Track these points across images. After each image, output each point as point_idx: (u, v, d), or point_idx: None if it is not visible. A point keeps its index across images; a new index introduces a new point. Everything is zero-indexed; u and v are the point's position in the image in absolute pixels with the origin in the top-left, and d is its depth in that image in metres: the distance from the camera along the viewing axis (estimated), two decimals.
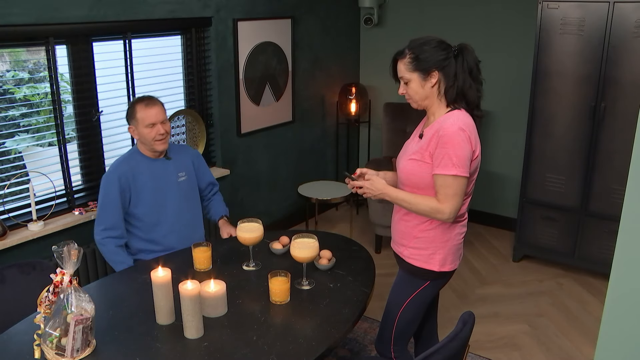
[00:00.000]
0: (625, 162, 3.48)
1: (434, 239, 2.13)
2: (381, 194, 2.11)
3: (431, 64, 2.03)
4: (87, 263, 3.11)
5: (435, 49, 2.03)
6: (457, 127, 1.98)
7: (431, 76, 2.04)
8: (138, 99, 2.71)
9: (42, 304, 1.82)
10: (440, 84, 2.05)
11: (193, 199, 2.87)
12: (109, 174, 2.68)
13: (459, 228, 2.17)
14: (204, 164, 3.00)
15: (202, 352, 1.86)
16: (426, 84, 2.05)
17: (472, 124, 2.05)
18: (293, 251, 2.24)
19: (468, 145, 2.00)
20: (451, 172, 1.98)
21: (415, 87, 2.07)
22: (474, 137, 2.03)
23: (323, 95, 4.86)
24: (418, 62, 2.04)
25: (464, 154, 1.98)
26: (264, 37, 4.12)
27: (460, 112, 2.05)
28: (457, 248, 2.19)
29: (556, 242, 3.94)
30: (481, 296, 3.72)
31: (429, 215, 2.06)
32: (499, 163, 4.64)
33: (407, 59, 2.06)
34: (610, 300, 1.33)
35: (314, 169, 4.92)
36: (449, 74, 2.04)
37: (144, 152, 2.74)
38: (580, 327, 3.37)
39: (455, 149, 1.97)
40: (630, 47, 3.38)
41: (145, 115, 2.62)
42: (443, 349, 1.77)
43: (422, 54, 2.03)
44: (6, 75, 3.00)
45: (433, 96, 2.08)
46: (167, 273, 2.00)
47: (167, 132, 2.68)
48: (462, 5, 4.50)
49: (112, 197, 2.64)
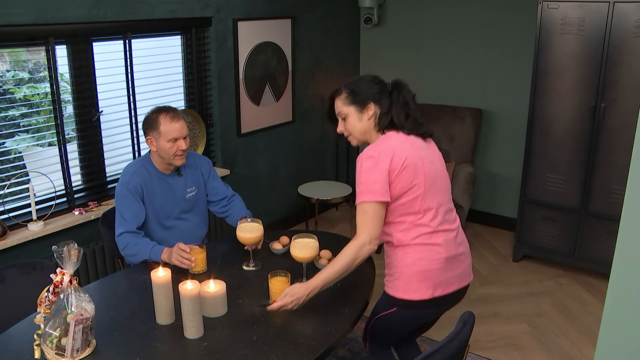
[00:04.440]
0: (625, 162, 3.48)
1: (395, 263, 2.09)
2: (308, 294, 1.99)
3: (367, 97, 2.07)
4: (87, 263, 3.11)
5: (369, 83, 2.10)
6: (365, 155, 2.00)
7: (367, 108, 2.07)
8: (161, 109, 2.54)
9: (42, 304, 1.82)
10: (375, 116, 2.08)
11: (198, 210, 2.76)
12: (122, 184, 2.55)
13: (418, 253, 2.04)
14: (214, 177, 2.81)
15: (202, 352, 1.86)
16: (363, 116, 2.08)
17: (396, 146, 2.01)
18: (293, 251, 2.24)
19: (377, 168, 1.96)
20: (359, 200, 1.98)
21: (352, 122, 2.10)
22: (394, 158, 1.98)
23: (323, 95, 4.86)
24: (354, 96, 2.08)
25: (372, 178, 1.96)
26: (264, 37, 4.12)
27: (386, 136, 2.06)
28: (424, 276, 2.04)
29: (556, 242, 3.94)
30: (481, 296, 3.72)
31: (357, 257, 1.97)
32: (499, 163, 4.64)
33: (344, 94, 2.10)
34: (610, 300, 1.33)
35: (314, 169, 4.92)
36: (384, 106, 2.07)
37: (157, 164, 2.60)
38: (580, 327, 3.37)
39: (361, 176, 1.98)
40: (630, 47, 3.38)
41: (170, 129, 2.47)
42: (443, 349, 1.77)
43: (357, 88, 2.08)
44: (6, 75, 3.00)
45: (370, 129, 2.10)
46: (167, 273, 2.00)
47: (187, 148, 2.55)
48: (462, 5, 4.50)
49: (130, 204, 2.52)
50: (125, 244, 2.49)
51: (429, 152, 2.10)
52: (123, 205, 2.53)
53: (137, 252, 2.47)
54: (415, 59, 4.83)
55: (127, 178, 2.55)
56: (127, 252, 2.51)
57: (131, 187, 2.53)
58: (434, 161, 2.10)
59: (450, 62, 4.66)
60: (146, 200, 2.58)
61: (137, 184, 2.54)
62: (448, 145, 4.46)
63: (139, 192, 2.55)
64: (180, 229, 2.68)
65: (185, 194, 2.68)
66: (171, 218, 2.66)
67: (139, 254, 2.47)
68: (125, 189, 2.53)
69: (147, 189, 2.57)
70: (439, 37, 4.67)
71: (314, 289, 2.00)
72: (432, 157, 2.10)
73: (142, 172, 2.58)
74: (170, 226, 2.66)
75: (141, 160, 2.64)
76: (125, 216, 2.52)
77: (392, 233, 2.08)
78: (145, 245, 2.46)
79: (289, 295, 1.98)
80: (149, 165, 2.61)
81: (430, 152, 2.11)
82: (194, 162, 2.74)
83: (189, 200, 2.69)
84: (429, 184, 2.03)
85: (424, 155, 2.06)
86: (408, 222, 2.04)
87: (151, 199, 2.59)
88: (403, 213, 2.04)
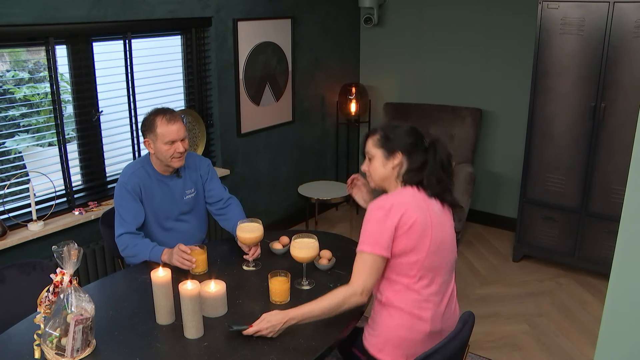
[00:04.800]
0: (625, 162, 3.48)
1: (378, 321, 2.03)
2: (285, 322, 1.90)
3: (397, 146, 2.01)
4: (87, 263, 3.11)
5: (405, 132, 2.04)
6: (376, 205, 1.94)
7: (394, 157, 2.01)
8: (158, 111, 2.53)
9: (42, 304, 1.82)
10: (401, 167, 2.02)
11: (197, 211, 2.76)
12: (121, 185, 2.55)
13: (403, 320, 1.98)
14: (212, 178, 2.76)
15: (202, 352, 1.86)
16: (388, 163, 2.02)
17: (410, 203, 1.93)
18: (293, 251, 2.24)
19: (386, 222, 1.90)
20: (361, 248, 1.93)
21: (376, 165, 2.04)
22: (404, 215, 1.90)
23: (323, 95, 4.86)
24: (385, 141, 2.03)
25: (378, 230, 1.90)
26: (264, 37, 4.12)
27: (404, 190, 2.00)
28: (401, 343, 1.99)
29: (556, 242, 3.94)
30: (481, 296, 3.72)
31: (344, 303, 1.91)
32: (499, 163, 4.64)
33: (377, 136, 2.05)
34: (610, 300, 1.33)
35: (314, 169, 4.92)
36: (415, 160, 2.01)
37: (156, 166, 2.60)
38: (580, 327, 3.37)
39: (368, 225, 1.93)
40: (630, 47, 3.38)
41: (167, 132, 2.46)
42: (443, 349, 1.77)
43: (391, 134, 2.03)
44: (6, 75, 3.00)
45: (392, 178, 2.04)
46: (167, 273, 2.00)
47: (186, 150, 2.54)
48: (462, 5, 4.50)
49: (128, 205, 2.52)
50: (125, 245, 2.49)
51: (443, 219, 2.01)
52: (122, 205, 2.53)
53: (137, 253, 2.47)
54: (415, 59, 4.83)
55: (125, 179, 2.55)
56: (127, 253, 2.51)
57: (130, 188, 2.53)
58: (445, 230, 2.01)
59: (450, 62, 4.66)
60: (145, 201, 2.58)
61: (135, 185, 2.54)
62: (448, 145, 4.45)
63: (138, 192, 2.55)
64: (179, 231, 2.68)
65: (184, 195, 2.67)
66: (170, 219, 2.66)
67: (139, 254, 2.46)
68: (124, 190, 2.53)
69: (145, 190, 2.57)
70: (438, 37, 4.67)
71: (292, 319, 1.90)
72: (444, 224, 2.01)
73: (140, 173, 2.57)
74: (169, 228, 2.66)
75: (141, 161, 2.64)
76: (124, 217, 2.52)
77: (383, 291, 2.01)
78: (145, 246, 2.46)
79: (265, 321, 1.90)
80: (148, 167, 2.60)
81: (444, 219, 2.02)
82: (193, 163, 2.72)
83: (187, 202, 2.69)
84: (432, 251, 1.95)
85: (437, 221, 1.97)
86: (401, 284, 1.97)
87: (150, 200, 2.59)
88: (399, 273, 1.97)
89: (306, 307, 1.92)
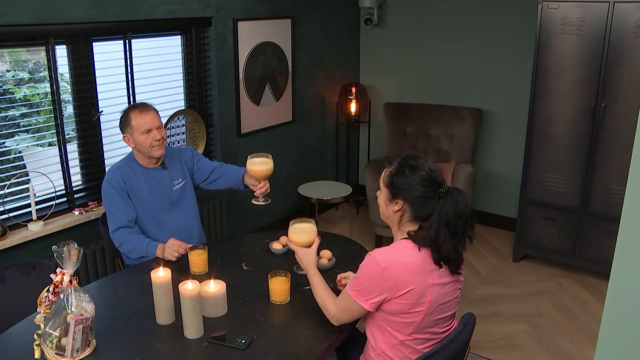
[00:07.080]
0: (625, 162, 3.48)
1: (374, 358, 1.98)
2: (306, 267, 2.04)
3: (400, 193, 1.84)
4: (87, 263, 3.11)
5: (417, 182, 1.81)
6: (372, 259, 1.79)
7: (396, 202, 1.86)
8: (131, 106, 2.65)
9: (42, 304, 1.82)
10: (404, 215, 1.86)
11: (189, 204, 2.81)
12: (105, 182, 2.63)
13: None
14: (200, 157, 2.87)
15: (202, 352, 1.86)
16: (390, 205, 1.88)
17: (407, 264, 1.77)
18: (291, 236, 2.13)
19: (378, 283, 1.78)
20: (350, 288, 1.86)
21: (380, 201, 1.93)
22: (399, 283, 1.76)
23: (323, 95, 4.86)
24: (392, 181, 1.86)
25: (368, 287, 1.80)
26: (264, 37, 4.12)
27: (404, 247, 1.81)
28: None
29: (556, 242, 3.94)
30: (481, 296, 3.72)
31: (321, 305, 1.96)
32: (499, 163, 4.64)
33: (389, 172, 1.88)
34: (610, 300, 1.33)
35: (314, 169, 4.92)
36: (420, 211, 1.83)
37: (140, 160, 2.67)
38: (580, 327, 3.37)
39: (361, 274, 1.83)
40: (630, 47, 3.38)
41: (141, 122, 2.57)
42: (443, 350, 1.76)
43: (400, 178, 1.84)
44: (6, 75, 3.00)
45: (394, 221, 1.90)
46: (167, 273, 2.00)
47: (163, 138, 2.61)
48: (462, 5, 4.50)
49: (116, 202, 2.59)
50: (120, 241, 2.57)
51: (447, 279, 1.84)
52: (111, 202, 2.60)
53: (133, 249, 2.54)
54: (415, 59, 4.83)
55: (109, 175, 2.64)
56: (123, 249, 2.59)
57: (114, 184, 2.60)
58: (447, 289, 1.84)
59: (450, 62, 4.66)
60: (133, 196, 2.64)
61: (119, 180, 2.61)
62: (448, 145, 4.46)
63: (123, 187, 2.61)
64: (172, 222, 2.73)
65: (172, 186, 2.74)
66: (163, 211, 2.71)
67: (135, 250, 2.54)
68: (109, 186, 2.61)
69: (131, 185, 2.64)
70: (438, 37, 4.67)
71: (308, 272, 2.02)
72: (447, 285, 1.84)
73: (124, 169, 2.66)
74: (162, 219, 2.71)
75: (124, 159, 2.73)
76: (114, 212, 2.59)
77: (378, 340, 1.91)
78: (141, 242, 2.53)
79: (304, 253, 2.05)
80: (132, 162, 2.69)
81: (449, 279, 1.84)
82: (178, 155, 2.82)
83: (176, 192, 2.76)
84: (431, 312, 1.82)
85: (438, 281, 1.80)
86: (397, 339, 1.86)
87: (139, 195, 2.65)
88: (395, 328, 1.86)
89: (317, 278, 2.00)
